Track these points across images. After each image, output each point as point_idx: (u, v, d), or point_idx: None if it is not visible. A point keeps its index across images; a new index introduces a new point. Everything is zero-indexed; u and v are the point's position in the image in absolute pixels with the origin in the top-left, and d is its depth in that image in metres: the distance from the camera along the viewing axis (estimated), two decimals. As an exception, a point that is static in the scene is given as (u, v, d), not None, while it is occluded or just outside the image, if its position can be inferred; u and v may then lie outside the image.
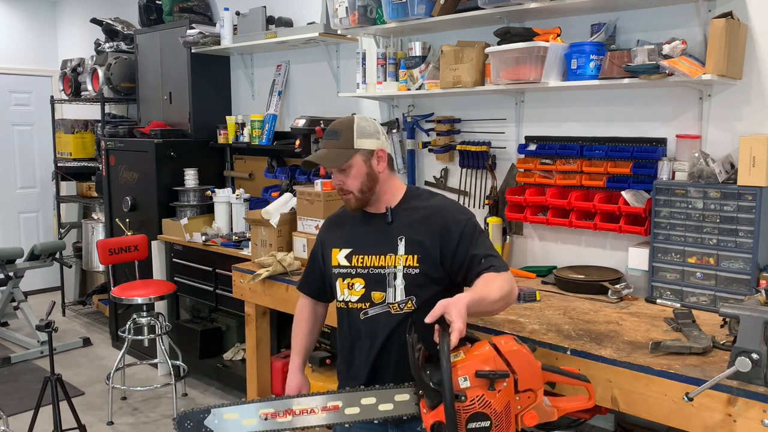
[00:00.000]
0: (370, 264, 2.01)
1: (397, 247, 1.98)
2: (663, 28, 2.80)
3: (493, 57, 3.00)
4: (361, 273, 2.01)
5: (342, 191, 2.04)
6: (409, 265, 1.97)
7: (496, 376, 1.61)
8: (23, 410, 4.06)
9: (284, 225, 3.47)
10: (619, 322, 2.45)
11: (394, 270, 1.97)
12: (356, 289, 2.02)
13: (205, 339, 4.52)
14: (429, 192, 2.15)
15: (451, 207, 2.06)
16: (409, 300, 1.97)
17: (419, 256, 1.97)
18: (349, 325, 2.06)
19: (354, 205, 2.04)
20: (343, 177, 2.00)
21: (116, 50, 5.59)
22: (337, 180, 2.03)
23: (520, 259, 3.39)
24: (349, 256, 2.04)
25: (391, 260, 1.98)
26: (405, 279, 1.97)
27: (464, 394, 1.61)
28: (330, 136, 2.02)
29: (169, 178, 4.69)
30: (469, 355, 1.67)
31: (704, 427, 1.89)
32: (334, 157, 1.99)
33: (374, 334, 1.99)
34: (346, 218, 2.13)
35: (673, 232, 2.66)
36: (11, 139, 6.78)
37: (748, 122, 2.65)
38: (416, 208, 2.04)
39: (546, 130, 3.25)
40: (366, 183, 2.01)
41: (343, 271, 2.04)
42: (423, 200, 2.07)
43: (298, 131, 3.80)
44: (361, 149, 1.99)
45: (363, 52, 3.75)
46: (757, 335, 1.81)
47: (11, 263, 5.21)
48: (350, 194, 2.02)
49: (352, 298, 2.03)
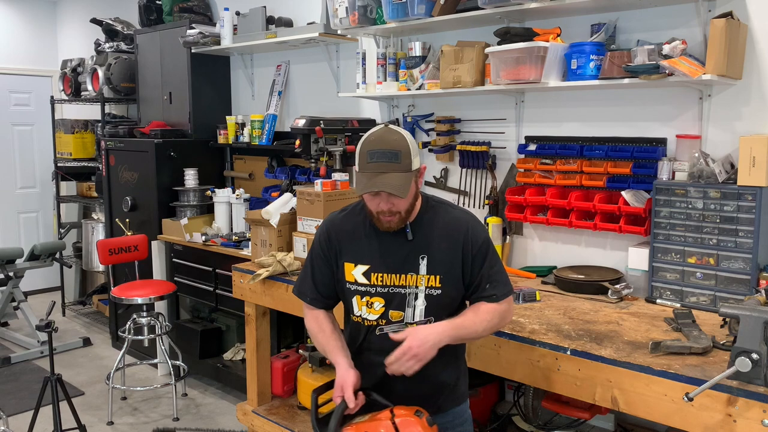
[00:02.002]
0: (390, 283, 1.93)
1: (419, 267, 1.93)
2: (663, 28, 2.80)
3: (493, 57, 3.00)
4: (381, 292, 1.94)
5: (389, 213, 1.88)
6: (431, 285, 1.93)
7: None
8: (23, 410, 4.07)
9: (284, 225, 3.47)
10: (619, 322, 2.45)
11: (416, 290, 1.93)
12: (375, 308, 1.95)
13: (205, 339, 4.52)
14: (442, 202, 2.05)
15: (471, 222, 1.99)
16: (427, 321, 1.94)
17: (441, 276, 1.93)
18: (363, 337, 2.01)
19: (396, 226, 1.91)
20: (395, 200, 1.86)
21: (116, 50, 5.59)
22: (386, 204, 1.86)
23: (520, 259, 3.39)
24: (367, 274, 1.95)
25: (413, 280, 1.92)
26: (427, 300, 1.93)
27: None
28: (390, 158, 1.83)
29: (169, 178, 4.69)
30: (370, 418, 1.81)
31: (704, 427, 1.89)
32: (402, 185, 1.83)
33: (389, 351, 1.92)
34: (359, 228, 2.00)
35: (673, 232, 2.66)
36: (11, 139, 6.78)
37: (748, 122, 2.65)
38: (436, 223, 1.97)
39: (546, 130, 3.25)
40: (413, 202, 1.92)
41: (362, 289, 1.96)
42: (442, 213, 1.99)
43: (298, 131, 3.80)
44: (417, 167, 1.89)
45: (363, 52, 3.75)
46: (757, 335, 1.81)
47: (11, 263, 5.21)
48: (397, 215, 1.89)
49: (370, 316, 1.96)
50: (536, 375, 2.28)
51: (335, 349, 1.99)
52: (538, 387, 2.39)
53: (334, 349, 1.99)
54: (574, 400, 2.45)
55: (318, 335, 2.06)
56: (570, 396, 2.23)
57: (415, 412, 1.80)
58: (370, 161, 1.84)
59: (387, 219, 1.90)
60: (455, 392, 2.06)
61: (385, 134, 1.88)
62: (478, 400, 3.18)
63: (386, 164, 1.83)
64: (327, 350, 2.02)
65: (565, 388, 2.21)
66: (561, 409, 2.88)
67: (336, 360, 1.96)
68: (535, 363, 2.27)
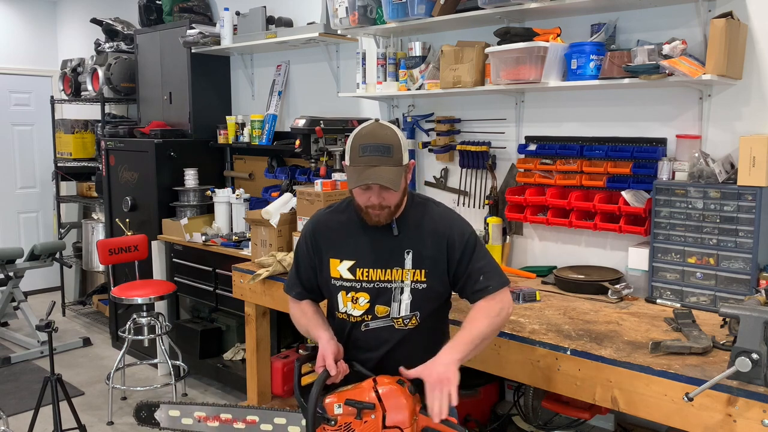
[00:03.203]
0: (375, 278, 1.95)
1: (404, 261, 1.94)
2: (663, 28, 2.80)
3: (493, 57, 3.00)
4: (366, 287, 1.96)
5: (378, 207, 1.90)
6: (417, 279, 1.94)
7: (362, 407, 1.78)
8: (23, 410, 4.06)
9: (284, 225, 3.47)
10: (619, 322, 2.45)
11: (401, 285, 1.94)
12: (360, 303, 1.97)
13: (205, 339, 4.51)
14: (428, 199, 2.08)
15: (456, 219, 2.03)
16: (413, 316, 1.96)
17: (427, 270, 1.94)
18: (348, 335, 2.02)
19: (384, 221, 1.93)
20: (386, 194, 1.88)
21: (116, 50, 5.59)
22: (377, 198, 1.88)
23: (520, 259, 3.39)
24: (352, 269, 1.97)
25: (398, 274, 1.94)
26: (412, 294, 1.94)
27: (335, 419, 1.82)
28: (382, 152, 1.85)
29: (169, 178, 4.69)
30: (353, 388, 1.86)
31: (704, 427, 1.89)
32: (394, 178, 1.85)
33: (375, 348, 1.97)
34: (345, 225, 2.02)
35: (673, 232, 2.66)
36: (11, 139, 6.78)
37: (748, 122, 2.65)
38: (421, 219, 1.99)
39: (546, 130, 3.25)
40: (402, 197, 1.94)
41: (347, 285, 1.98)
42: (426, 210, 2.02)
43: (298, 131, 3.80)
44: (407, 164, 1.92)
45: (363, 52, 3.75)
46: (757, 335, 1.81)
47: (11, 263, 5.21)
48: (386, 209, 1.91)
49: (355, 312, 1.98)
50: (536, 375, 2.28)
51: (316, 326, 2.03)
52: (538, 387, 2.39)
53: (316, 326, 2.03)
54: (574, 400, 2.45)
55: (301, 319, 2.10)
56: (570, 396, 2.23)
57: (397, 381, 1.83)
58: (362, 155, 1.86)
59: (376, 213, 1.91)
60: None
61: (377, 129, 1.91)
62: (478, 400, 3.18)
63: (378, 158, 1.85)
64: (309, 328, 2.06)
65: (565, 388, 2.21)
66: (561, 409, 2.88)
67: (318, 334, 2.00)
68: (535, 363, 2.27)
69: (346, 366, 1.93)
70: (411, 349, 1.96)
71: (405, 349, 1.97)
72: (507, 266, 3.30)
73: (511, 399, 3.21)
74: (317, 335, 1.99)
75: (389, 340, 1.96)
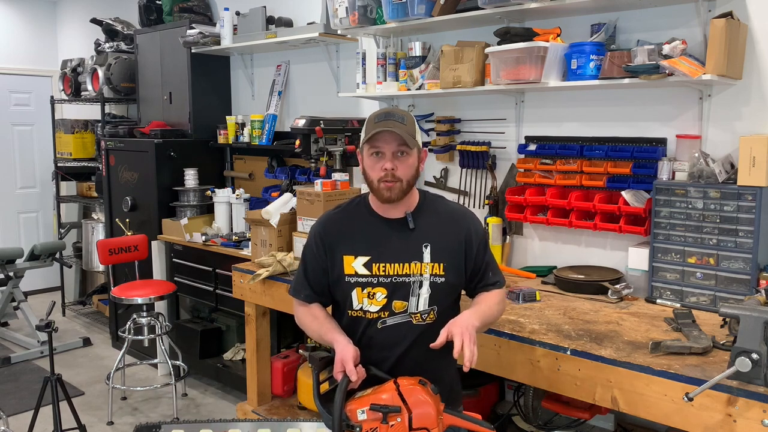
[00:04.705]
0: (393, 272, 1.92)
1: (423, 255, 1.93)
2: (663, 28, 2.80)
3: (493, 57, 3.00)
4: (384, 282, 1.92)
5: (391, 178, 1.88)
6: (435, 273, 1.93)
7: (388, 411, 1.74)
8: (23, 410, 4.06)
9: (284, 225, 3.47)
10: (619, 322, 2.45)
11: (420, 278, 1.92)
12: (377, 298, 1.93)
13: (205, 339, 4.51)
14: (439, 196, 2.11)
15: (471, 215, 2.06)
16: (431, 310, 1.94)
17: (445, 264, 1.93)
18: (363, 333, 1.96)
19: (396, 196, 1.90)
20: (398, 163, 1.87)
21: (116, 50, 5.59)
22: (390, 164, 1.87)
23: (520, 259, 3.39)
24: (368, 264, 1.93)
25: (417, 268, 1.92)
26: (431, 288, 1.93)
27: (360, 426, 1.76)
28: (396, 118, 1.88)
29: (169, 178, 4.69)
30: (373, 391, 1.82)
31: (704, 427, 1.89)
32: (408, 137, 1.86)
33: (392, 345, 1.94)
34: (357, 221, 2.00)
35: (673, 232, 2.66)
36: (11, 139, 6.78)
37: (748, 122, 2.65)
38: (438, 214, 1.99)
39: (546, 130, 3.25)
40: (413, 177, 1.92)
41: (363, 281, 1.93)
42: (441, 205, 2.04)
43: (298, 131, 3.80)
44: (418, 144, 1.94)
45: (363, 52, 3.75)
46: (757, 335, 1.81)
47: (11, 263, 5.21)
48: (398, 182, 1.88)
49: (372, 308, 1.93)
50: (536, 375, 2.28)
51: (330, 329, 1.96)
52: (538, 387, 2.39)
53: (330, 330, 1.96)
54: (574, 400, 2.45)
55: (312, 324, 2.03)
56: (570, 396, 2.23)
57: (419, 381, 1.81)
58: (377, 122, 1.89)
59: (388, 185, 1.88)
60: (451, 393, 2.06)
61: (392, 108, 1.98)
62: (478, 400, 3.18)
63: (393, 122, 1.87)
64: (322, 333, 1.99)
65: (565, 388, 2.21)
66: (561, 409, 2.88)
67: (333, 338, 1.92)
68: (535, 363, 2.27)
69: (363, 370, 1.88)
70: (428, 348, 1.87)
71: (422, 347, 1.90)
72: (507, 266, 3.30)
73: (511, 399, 3.21)
74: (333, 339, 1.93)
75: (407, 337, 1.93)
